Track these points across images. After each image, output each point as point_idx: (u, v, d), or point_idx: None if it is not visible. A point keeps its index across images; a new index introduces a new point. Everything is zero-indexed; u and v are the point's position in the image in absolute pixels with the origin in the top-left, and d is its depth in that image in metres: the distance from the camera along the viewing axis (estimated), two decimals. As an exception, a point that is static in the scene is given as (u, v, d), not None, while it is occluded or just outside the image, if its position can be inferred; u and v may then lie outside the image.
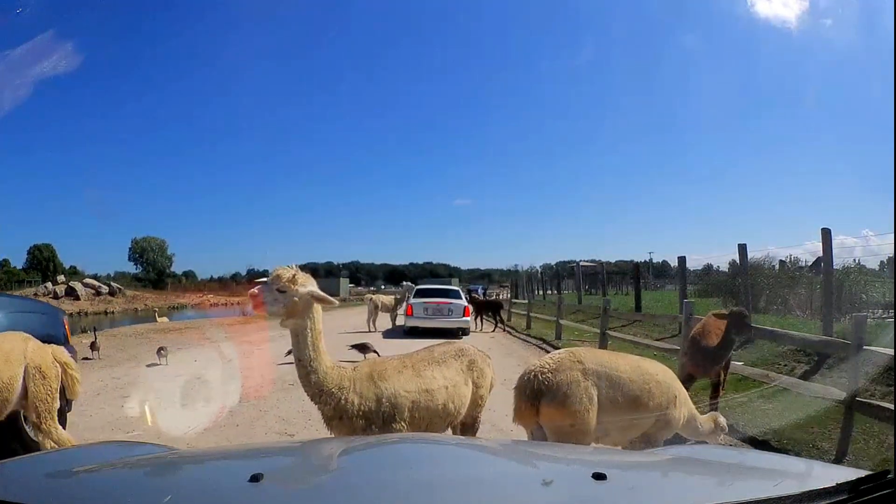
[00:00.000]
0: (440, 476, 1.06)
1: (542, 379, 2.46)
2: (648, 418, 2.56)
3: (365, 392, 2.29)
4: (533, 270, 37.38)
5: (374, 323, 12.92)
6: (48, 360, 2.90)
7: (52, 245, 40.78)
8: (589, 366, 2.50)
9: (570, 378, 2.45)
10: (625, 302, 14.48)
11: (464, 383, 2.62)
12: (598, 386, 2.47)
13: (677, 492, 1.05)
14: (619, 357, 2.78)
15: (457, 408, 2.56)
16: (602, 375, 2.49)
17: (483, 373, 2.75)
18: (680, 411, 2.64)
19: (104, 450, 1.46)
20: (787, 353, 6.13)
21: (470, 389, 2.67)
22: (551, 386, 2.44)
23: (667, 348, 6.82)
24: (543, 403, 2.43)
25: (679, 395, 2.68)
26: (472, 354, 2.75)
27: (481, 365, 2.75)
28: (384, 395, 2.31)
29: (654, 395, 2.56)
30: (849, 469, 1.12)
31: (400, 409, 2.33)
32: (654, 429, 2.59)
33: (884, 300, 9.40)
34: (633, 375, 2.56)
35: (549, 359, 2.58)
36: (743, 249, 8.80)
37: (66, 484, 1.04)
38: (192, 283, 45.65)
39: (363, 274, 57.42)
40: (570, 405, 2.41)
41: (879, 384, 4.28)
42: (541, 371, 2.49)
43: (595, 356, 2.63)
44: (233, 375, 7.02)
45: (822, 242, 6.83)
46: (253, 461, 1.28)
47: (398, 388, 2.35)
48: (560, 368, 2.48)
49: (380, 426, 2.28)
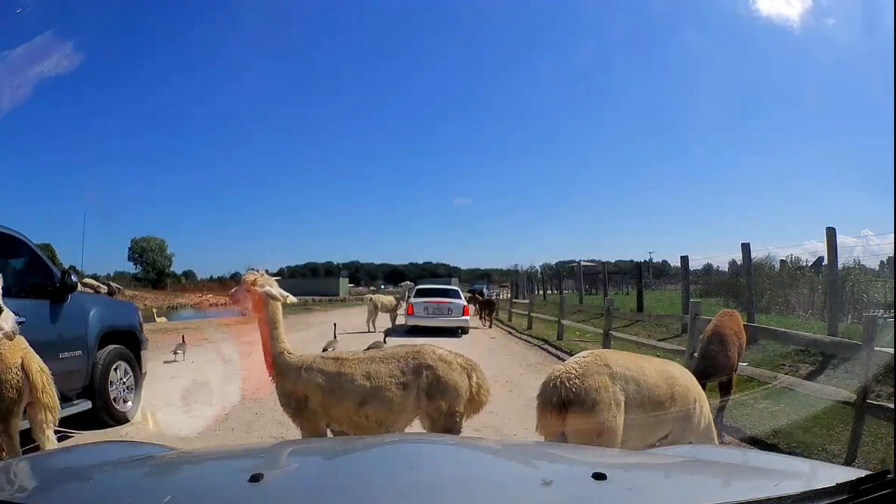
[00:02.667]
0: (440, 476, 1.06)
1: (569, 385, 2.32)
2: (671, 423, 2.45)
3: (295, 376, 2.66)
4: (533, 270, 37.34)
5: (373, 323, 12.92)
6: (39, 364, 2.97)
7: (51, 245, 40.75)
8: (616, 369, 2.37)
9: (599, 383, 2.32)
10: (626, 302, 14.46)
11: (399, 386, 2.57)
12: (626, 390, 2.35)
13: (677, 492, 1.05)
14: (643, 359, 2.65)
15: (384, 407, 2.57)
16: (629, 379, 2.37)
17: (440, 381, 2.58)
18: (700, 415, 2.54)
19: (104, 450, 1.46)
20: (790, 353, 6.12)
21: (412, 395, 2.58)
22: (579, 392, 2.30)
23: (670, 349, 6.81)
24: (571, 411, 2.29)
25: (699, 398, 2.57)
26: (428, 360, 2.62)
27: (440, 373, 2.59)
28: (303, 382, 2.63)
29: (677, 398, 2.45)
30: (849, 469, 1.12)
31: (312, 397, 2.63)
32: (675, 434, 2.49)
33: (884, 300, 9.38)
34: (659, 378, 2.45)
35: (575, 363, 2.42)
36: (746, 249, 8.78)
37: (66, 484, 1.04)
38: (192, 283, 45.66)
39: (363, 274, 57.44)
40: (599, 411, 2.28)
41: (884, 385, 4.26)
42: (567, 377, 2.35)
43: (621, 358, 2.51)
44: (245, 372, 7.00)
45: (826, 242, 6.81)
46: (253, 461, 1.28)
47: (315, 377, 2.63)
48: (587, 373, 2.34)
49: (294, 408, 2.68)
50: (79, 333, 4.32)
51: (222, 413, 4.99)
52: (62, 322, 4.15)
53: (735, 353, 4.29)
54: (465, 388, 2.66)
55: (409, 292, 13.70)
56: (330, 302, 30.89)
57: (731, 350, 4.24)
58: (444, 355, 2.71)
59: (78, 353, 4.27)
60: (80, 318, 4.39)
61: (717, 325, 4.44)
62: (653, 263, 32.30)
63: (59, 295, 4.14)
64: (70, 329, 4.24)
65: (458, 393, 2.64)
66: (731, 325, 4.38)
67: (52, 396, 2.94)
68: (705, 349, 4.32)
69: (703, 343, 4.46)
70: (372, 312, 13.07)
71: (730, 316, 4.57)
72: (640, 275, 15.18)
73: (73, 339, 4.25)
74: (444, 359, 2.68)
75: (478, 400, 2.74)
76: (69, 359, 4.15)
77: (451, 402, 2.62)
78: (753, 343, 6.29)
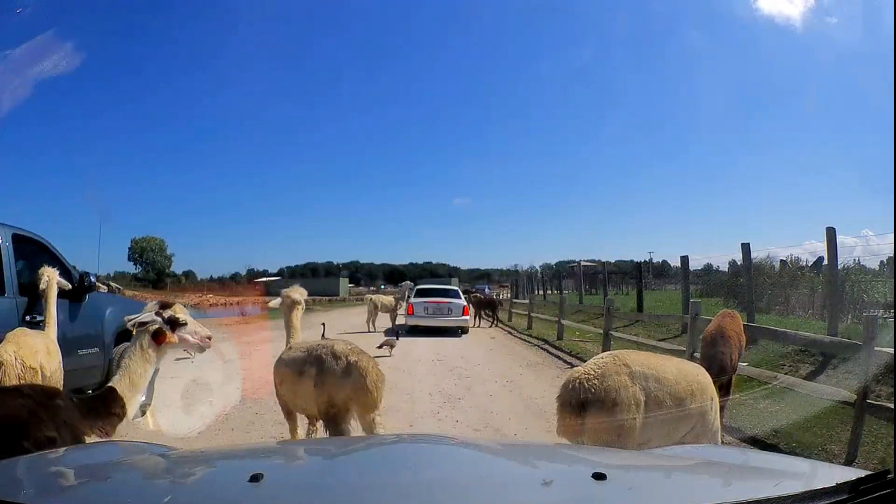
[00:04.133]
0: (440, 476, 1.06)
1: (588, 386, 2.30)
2: (692, 419, 2.43)
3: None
4: (533, 270, 37.34)
5: (373, 323, 12.93)
6: None
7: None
8: (636, 368, 2.36)
9: (619, 383, 2.30)
10: (626, 302, 14.45)
11: (297, 376, 3.00)
12: (647, 388, 2.33)
13: (677, 492, 1.05)
14: (661, 358, 2.64)
15: (286, 393, 3.14)
16: (650, 377, 2.36)
17: (328, 376, 2.85)
18: (715, 413, 2.52)
19: (104, 450, 1.46)
20: (790, 353, 6.12)
21: (307, 384, 2.92)
22: (599, 393, 2.28)
23: (670, 349, 6.81)
24: (591, 412, 2.27)
25: (714, 397, 2.55)
26: (323, 354, 2.92)
27: (331, 365, 2.87)
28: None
29: (696, 395, 2.43)
30: (849, 469, 1.12)
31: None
32: (695, 431, 2.46)
33: (884, 300, 9.38)
34: (679, 376, 2.43)
35: (593, 364, 2.42)
36: (746, 249, 8.77)
37: (66, 484, 1.04)
38: (192, 283, 45.63)
39: (363, 274, 57.40)
40: (619, 411, 2.26)
41: (884, 385, 4.26)
42: (586, 378, 2.33)
43: (639, 358, 2.49)
44: (245, 372, 7.02)
45: (826, 242, 6.79)
46: (253, 461, 1.28)
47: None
48: (606, 373, 2.32)
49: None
50: (96, 331, 4.54)
51: (222, 413, 4.99)
52: (80, 320, 4.35)
53: (736, 355, 4.29)
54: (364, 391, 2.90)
55: (409, 292, 13.74)
56: (330, 302, 30.88)
57: (732, 351, 4.23)
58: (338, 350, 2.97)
59: (95, 350, 4.47)
60: (98, 317, 4.58)
61: (718, 326, 4.42)
62: (653, 263, 32.31)
63: (78, 295, 4.31)
64: (87, 327, 4.45)
65: (365, 399, 2.89)
66: (732, 327, 4.36)
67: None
68: (706, 350, 4.30)
69: (704, 344, 4.44)
70: (372, 312, 13.07)
71: (731, 317, 4.55)
72: (640, 275, 15.18)
73: (91, 336, 4.47)
74: (348, 361, 2.91)
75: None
76: (87, 355, 4.35)
77: (344, 401, 2.88)
78: (753, 343, 6.29)
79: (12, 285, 3.77)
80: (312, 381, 2.90)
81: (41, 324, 3.58)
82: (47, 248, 4.29)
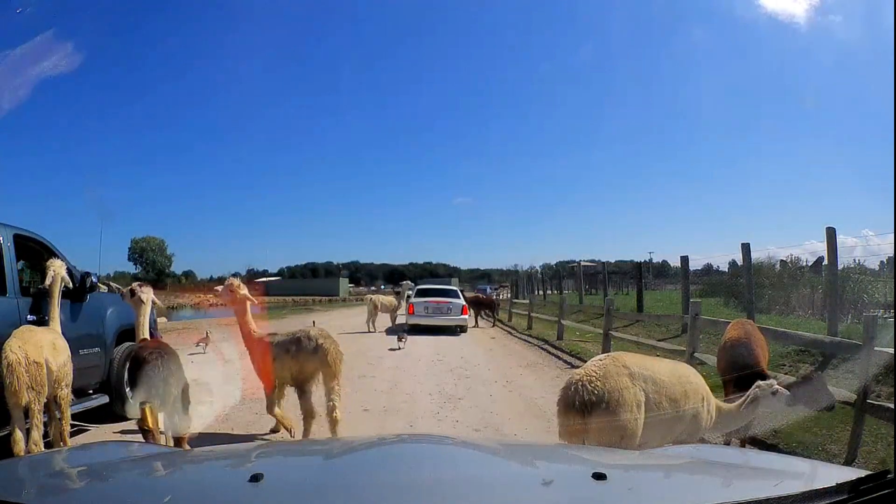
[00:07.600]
0: (440, 476, 1.06)
1: (590, 388, 2.32)
2: (685, 420, 2.49)
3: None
4: (533, 270, 37.33)
5: (373, 323, 12.93)
6: None
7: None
8: (635, 370, 2.40)
9: (620, 384, 2.34)
10: (626, 302, 14.45)
11: (285, 353, 4.04)
12: (646, 390, 2.38)
13: (677, 492, 1.05)
14: (655, 360, 2.69)
15: (277, 366, 4.09)
16: (648, 379, 2.41)
17: (302, 353, 3.94)
18: (708, 411, 2.58)
19: (104, 450, 1.46)
20: (790, 353, 6.11)
21: (288, 358, 4.03)
22: (601, 394, 2.30)
23: (670, 349, 6.81)
24: (594, 413, 2.28)
25: (706, 394, 2.60)
26: (301, 337, 4.01)
27: (305, 345, 3.96)
28: None
29: (690, 396, 2.49)
30: (849, 469, 1.12)
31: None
32: (688, 431, 2.51)
33: (884, 300, 9.38)
34: (672, 377, 2.49)
35: (594, 366, 2.44)
36: (747, 249, 8.76)
37: (66, 484, 1.04)
38: (192, 283, 45.63)
39: (363, 274, 57.39)
40: (621, 412, 2.29)
41: (884, 385, 4.26)
42: (588, 379, 2.35)
43: (637, 360, 2.54)
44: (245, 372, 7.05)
45: (826, 242, 6.79)
46: (253, 461, 1.28)
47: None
48: (607, 375, 2.35)
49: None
50: (97, 331, 4.57)
51: (222, 413, 4.99)
52: (81, 320, 4.36)
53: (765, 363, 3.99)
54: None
55: (409, 292, 13.77)
56: (330, 302, 30.88)
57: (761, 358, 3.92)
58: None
59: (96, 350, 4.49)
60: (99, 317, 4.61)
61: (746, 335, 3.82)
62: (653, 263, 32.28)
63: (79, 295, 4.33)
64: (89, 327, 4.47)
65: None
66: (756, 334, 3.89)
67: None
68: (733, 357, 3.70)
69: (726, 352, 3.85)
70: (372, 312, 13.07)
71: (752, 325, 4.23)
72: (640, 275, 15.14)
73: (92, 336, 4.49)
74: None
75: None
76: (88, 355, 4.35)
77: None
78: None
79: (14, 285, 3.77)
80: (292, 355, 3.97)
81: (44, 323, 3.58)
82: (48, 248, 4.29)
